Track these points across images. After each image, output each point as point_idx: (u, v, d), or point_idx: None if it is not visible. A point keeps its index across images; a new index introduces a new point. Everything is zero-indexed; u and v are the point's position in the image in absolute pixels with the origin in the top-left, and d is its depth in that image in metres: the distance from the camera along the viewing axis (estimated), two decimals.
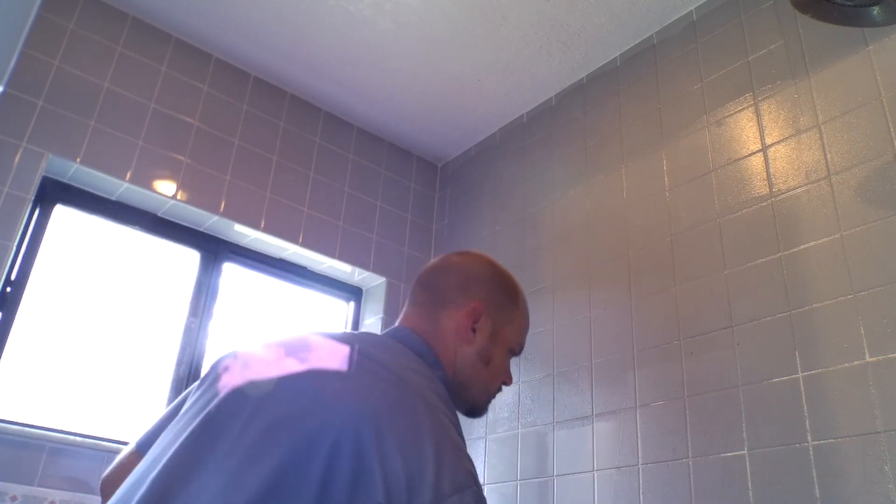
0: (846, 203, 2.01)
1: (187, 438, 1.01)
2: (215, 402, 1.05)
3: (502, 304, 1.29)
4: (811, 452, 1.87)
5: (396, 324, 1.28)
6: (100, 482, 1.21)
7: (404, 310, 1.30)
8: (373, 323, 3.29)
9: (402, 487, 0.92)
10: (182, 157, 2.85)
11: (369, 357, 1.09)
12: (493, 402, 2.71)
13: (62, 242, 2.67)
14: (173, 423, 1.10)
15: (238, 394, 1.04)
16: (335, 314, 3.42)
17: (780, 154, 2.23)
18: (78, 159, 2.59)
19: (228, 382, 1.07)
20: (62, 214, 2.69)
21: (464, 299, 1.25)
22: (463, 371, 1.23)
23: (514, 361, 2.71)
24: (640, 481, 2.21)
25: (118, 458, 1.20)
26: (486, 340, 1.25)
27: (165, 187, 2.78)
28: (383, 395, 1.02)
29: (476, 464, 2.69)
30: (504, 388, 1.38)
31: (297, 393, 1.02)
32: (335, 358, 1.07)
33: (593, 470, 2.36)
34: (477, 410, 1.31)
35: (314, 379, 1.04)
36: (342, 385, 1.03)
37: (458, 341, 1.23)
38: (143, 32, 2.90)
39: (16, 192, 2.45)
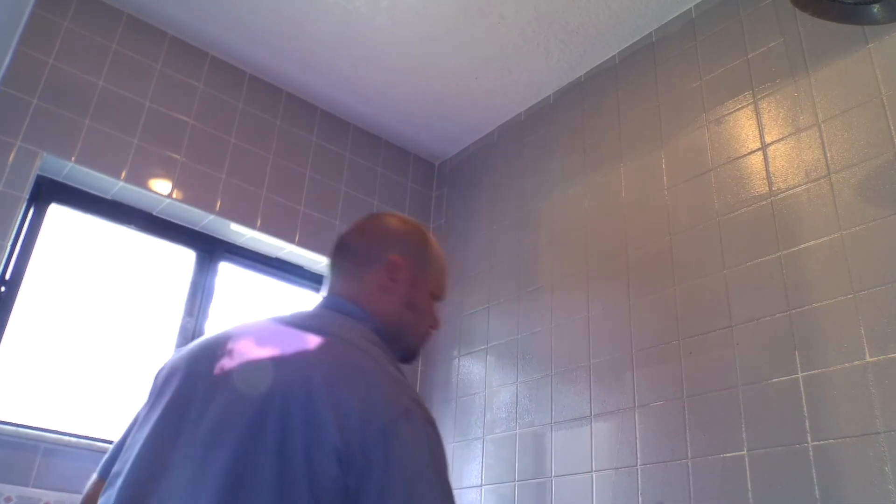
0: (846, 202, 2.00)
1: (146, 443, 1.09)
2: (165, 404, 1.13)
3: (418, 252, 1.38)
4: (811, 453, 1.86)
5: (324, 295, 1.36)
6: None
7: (329, 281, 1.38)
8: None
9: (354, 425, 0.99)
10: (177, 156, 2.84)
11: (303, 327, 1.18)
12: (491, 402, 2.73)
13: (57, 242, 2.66)
14: (130, 439, 1.16)
15: (185, 393, 1.12)
16: None
17: (779, 153, 2.22)
18: (73, 158, 2.58)
19: (174, 385, 1.15)
20: (57, 213, 2.69)
21: (382, 254, 1.34)
22: (392, 320, 1.31)
23: (511, 361, 2.79)
24: (639, 482, 2.21)
25: (84, 491, 1.25)
26: (408, 288, 1.34)
27: (161, 186, 2.77)
28: (320, 353, 1.11)
29: (473, 464, 2.76)
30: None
31: (242, 373, 1.10)
32: (272, 336, 1.16)
33: (591, 471, 2.35)
34: (411, 355, 1.39)
35: (255, 357, 1.12)
36: (280, 355, 1.11)
37: (383, 294, 1.32)
38: (138, 30, 2.89)
39: (10, 191, 2.44)
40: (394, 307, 1.33)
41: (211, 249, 3.00)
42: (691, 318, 2.26)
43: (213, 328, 2.80)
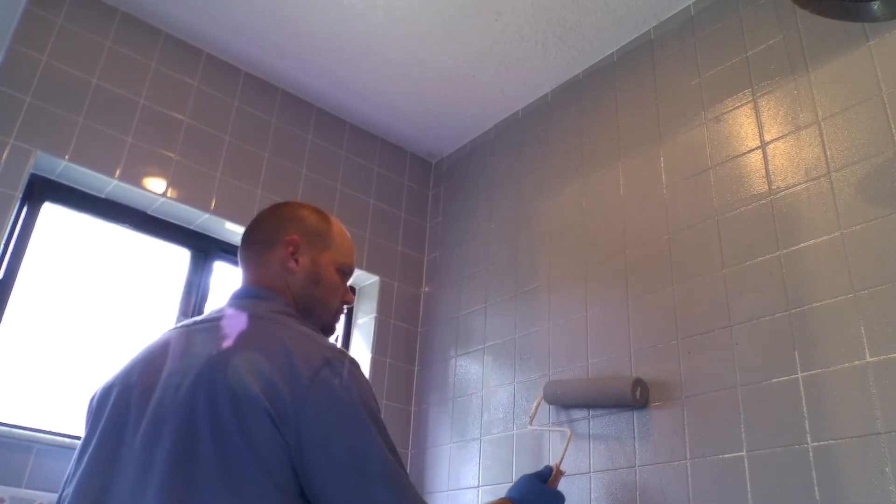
0: (846, 200, 1.99)
1: (89, 461, 1.15)
2: (102, 423, 1.19)
3: (316, 230, 1.45)
4: (811, 454, 1.85)
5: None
6: None
7: (242, 276, 1.45)
8: (365, 322, 3.27)
9: (279, 387, 1.06)
10: (172, 154, 2.83)
11: (216, 318, 1.27)
12: (489, 402, 2.73)
13: (50, 241, 2.65)
14: (74, 465, 1.22)
15: (120, 409, 1.19)
16: None
17: (779, 151, 2.21)
18: (66, 156, 2.56)
19: (108, 405, 1.22)
20: (50, 212, 2.66)
21: (280, 236, 1.42)
22: (299, 296, 1.39)
23: (509, 361, 2.80)
24: (637, 483, 2.20)
25: None
26: (309, 264, 1.41)
27: (155, 184, 2.76)
28: (233, 333, 1.18)
29: (470, 465, 2.75)
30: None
31: (169, 373, 1.17)
32: (188, 336, 1.26)
33: (589, 472, 2.34)
34: (327, 329, 1.45)
35: (178, 357, 1.20)
36: (199, 348, 1.19)
37: (286, 273, 1.39)
38: (132, 27, 2.87)
39: (3, 190, 2.42)
40: (299, 283, 1.39)
41: (206, 248, 2.98)
42: (690, 318, 2.25)
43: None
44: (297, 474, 1.06)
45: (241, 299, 1.36)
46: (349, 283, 1.56)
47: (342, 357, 1.17)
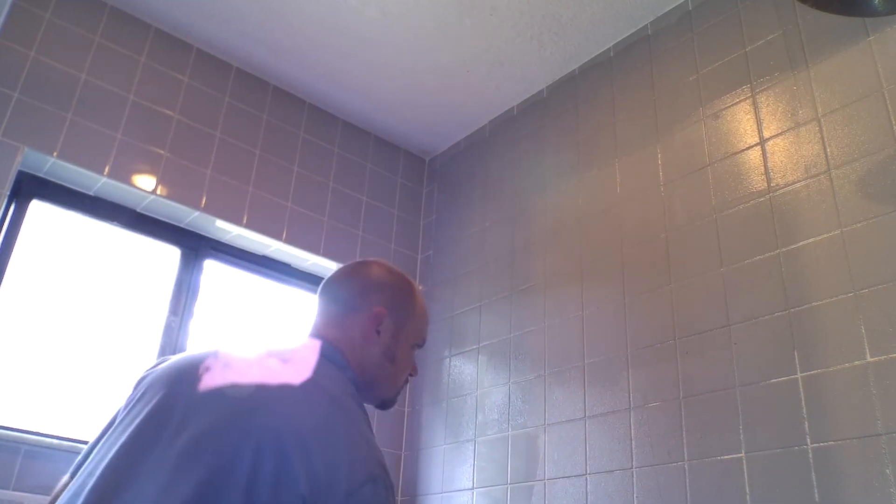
0: (846, 198, 1.99)
1: (120, 449, 1.11)
2: (144, 414, 1.15)
3: (402, 304, 1.42)
4: (810, 455, 1.85)
5: (308, 334, 1.39)
6: None
7: (314, 320, 1.41)
8: None
9: (322, 482, 1.04)
10: (162, 151, 2.82)
11: (289, 365, 1.22)
12: (483, 403, 2.74)
13: (38, 239, 2.64)
14: (104, 441, 1.18)
15: (165, 406, 1.15)
16: None
17: (778, 148, 2.20)
18: (55, 153, 2.56)
19: (155, 396, 1.18)
20: (38, 210, 2.66)
21: (366, 304, 1.38)
22: (371, 371, 1.36)
23: (504, 361, 2.81)
24: (635, 485, 2.19)
25: (54, 491, 1.27)
26: (389, 340, 1.38)
27: (145, 182, 2.75)
28: (301, 400, 1.15)
29: (465, 467, 2.74)
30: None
31: (225, 401, 1.13)
32: (258, 367, 1.19)
33: (586, 474, 2.34)
34: (387, 404, 1.45)
35: (239, 386, 1.15)
36: (264, 391, 1.14)
37: (365, 344, 1.36)
38: (121, 22, 2.85)
39: None
40: (374, 358, 1.36)
41: (196, 247, 2.97)
42: (688, 318, 2.24)
43: (198, 332, 2.84)
44: None
45: (316, 354, 1.31)
46: None
47: (386, 478, 1.15)
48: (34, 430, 2.38)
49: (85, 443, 2.32)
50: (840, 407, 1.82)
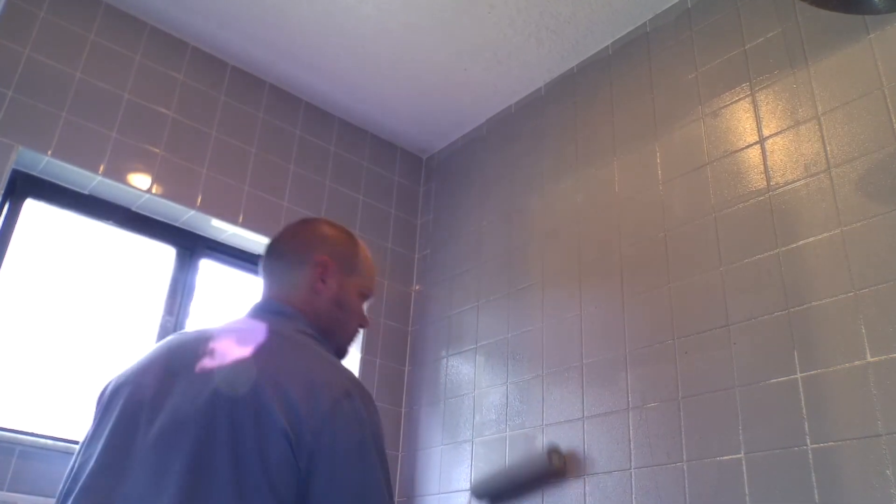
0: (847, 197, 1.98)
1: (99, 456, 1.15)
2: (115, 415, 1.19)
3: (346, 254, 1.48)
4: (810, 456, 1.84)
5: (258, 301, 1.44)
6: None
7: (262, 285, 1.46)
8: None
9: (299, 411, 1.10)
10: (157, 150, 2.81)
11: (240, 330, 1.29)
12: (481, 403, 2.73)
13: (33, 238, 2.63)
14: (80, 457, 1.22)
15: (136, 400, 1.19)
16: None
17: (777, 146, 2.20)
18: (49, 152, 2.55)
19: (123, 396, 1.22)
20: (33, 209, 2.65)
21: (311, 256, 1.43)
22: (322, 318, 1.40)
23: (501, 361, 2.78)
24: (633, 486, 2.19)
25: None
26: (336, 288, 1.43)
27: (140, 181, 2.74)
28: (258, 350, 1.19)
29: (462, 468, 2.73)
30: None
31: (188, 380, 1.18)
32: (212, 343, 1.24)
33: (584, 474, 2.33)
34: (342, 352, 1.48)
35: (198, 365, 1.20)
36: (222, 358, 1.19)
37: (314, 294, 1.40)
38: (116, 20, 2.84)
39: None
40: (324, 306, 1.41)
41: (191, 246, 2.97)
42: (687, 317, 2.24)
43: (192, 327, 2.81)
44: (302, 499, 1.10)
45: (264, 313, 1.37)
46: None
47: (361, 390, 1.21)
48: (29, 431, 2.37)
49: (75, 442, 2.37)
50: (840, 407, 1.82)
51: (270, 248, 1.49)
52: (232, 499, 1.05)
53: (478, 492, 2.53)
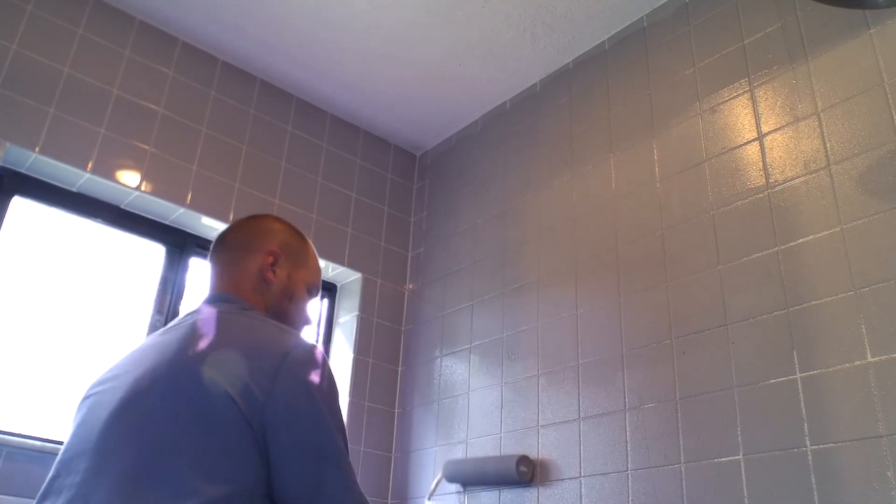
0: (847, 194, 1.97)
1: (66, 446, 1.23)
2: (82, 413, 1.27)
3: (295, 248, 1.52)
4: (810, 457, 1.83)
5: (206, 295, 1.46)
6: None
7: (209, 279, 1.48)
8: (347, 321, 3.25)
9: (245, 375, 1.14)
10: (146, 146, 2.79)
11: (183, 321, 1.33)
12: (475, 404, 2.79)
13: (19, 236, 2.61)
14: (60, 470, 1.23)
15: (94, 406, 1.25)
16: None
17: (777, 143, 2.19)
18: (36, 148, 2.53)
19: (85, 408, 1.28)
20: (20, 206, 2.63)
21: (262, 246, 1.47)
22: (271, 308, 1.44)
23: (496, 361, 2.78)
24: (630, 488, 2.18)
25: None
26: (286, 279, 1.46)
27: (129, 178, 2.72)
28: (202, 330, 1.24)
29: None
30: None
31: (138, 374, 1.22)
32: (159, 342, 1.30)
33: (580, 476, 2.33)
34: None
35: (145, 360, 1.25)
36: (166, 348, 1.24)
37: (264, 283, 1.43)
38: (105, 15, 2.82)
39: None
40: (274, 297, 1.44)
41: (181, 244, 2.95)
42: (684, 317, 2.23)
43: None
44: (262, 459, 1.14)
45: (213, 303, 1.39)
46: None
47: (307, 346, 1.24)
48: (14, 432, 2.35)
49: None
50: (840, 408, 1.81)
51: (218, 241, 1.52)
52: (187, 470, 1.08)
53: (450, 475, 2.61)
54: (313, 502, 1.15)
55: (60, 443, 2.36)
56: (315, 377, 1.20)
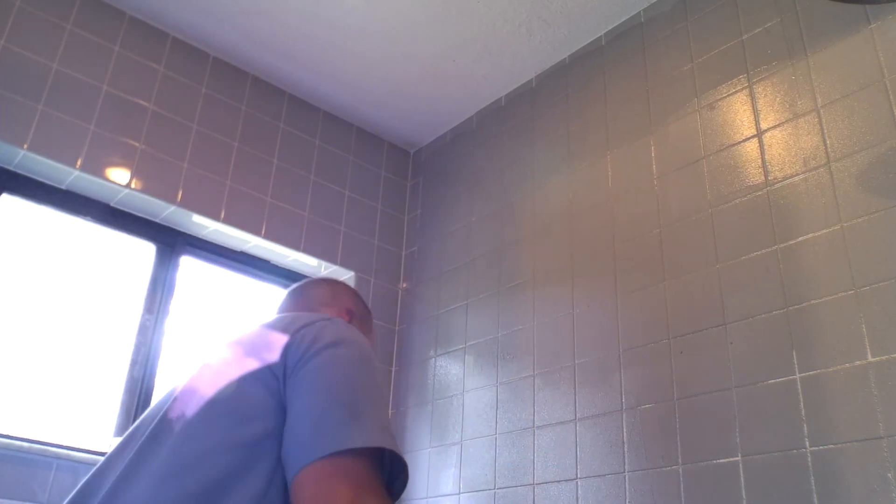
0: (847, 192, 1.97)
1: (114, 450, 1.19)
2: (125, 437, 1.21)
3: (364, 314, 1.59)
4: (809, 459, 1.82)
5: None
6: None
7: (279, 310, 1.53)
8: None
9: (276, 342, 1.13)
10: (136, 143, 2.78)
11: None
12: (470, 405, 2.84)
13: (8, 234, 2.61)
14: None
15: (145, 418, 1.21)
16: None
17: (776, 140, 2.18)
18: (25, 145, 2.52)
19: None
20: (8, 204, 2.62)
21: (338, 302, 1.54)
22: None
23: (491, 361, 2.77)
24: (627, 490, 2.17)
25: None
26: None
27: (119, 175, 2.71)
28: (254, 332, 1.22)
29: (450, 471, 2.70)
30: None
31: (185, 391, 1.17)
32: (217, 355, 1.24)
33: (576, 478, 2.32)
34: None
35: (203, 372, 1.20)
36: (225, 357, 1.21)
37: None
38: (94, 9, 2.81)
39: None
40: None
41: (172, 242, 2.94)
42: (682, 316, 2.22)
43: (174, 331, 2.82)
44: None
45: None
46: None
47: (343, 321, 1.24)
48: (2, 433, 2.32)
49: (55, 445, 2.38)
50: (840, 409, 1.80)
51: (297, 288, 1.58)
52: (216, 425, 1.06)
53: None
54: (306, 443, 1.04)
55: (48, 444, 2.38)
56: (350, 343, 1.16)
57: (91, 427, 2.54)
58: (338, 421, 1.02)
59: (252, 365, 1.11)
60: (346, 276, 3.30)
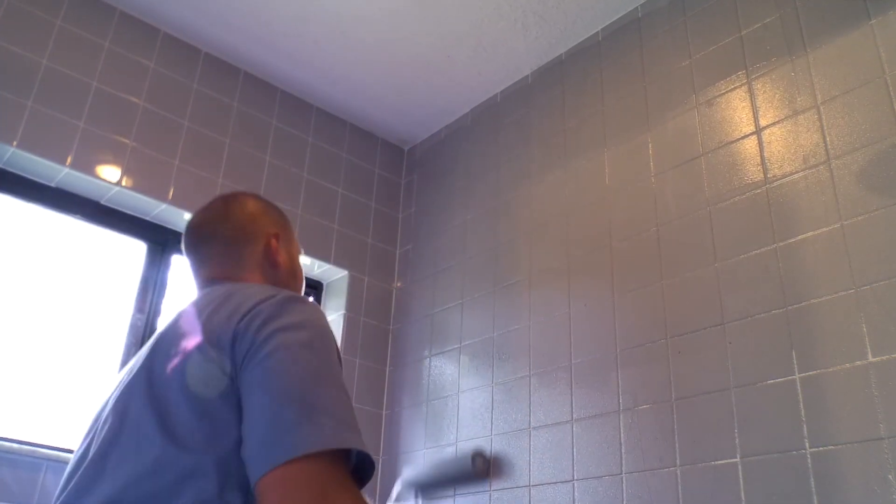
0: (847, 190, 1.97)
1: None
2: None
3: (284, 223, 1.49)
4: (809, 460, 1.82)
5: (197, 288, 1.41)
6: None
7: (199, 272, 1.40)
8: (333, 320, 3.24)
9: (225, 320, 1.10)
10: (127, 141, 2.77)
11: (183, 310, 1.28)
12: (465, 405, 2.86)
13: None
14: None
15: (101, 410, 1.27)
16: None
17: (775, 137, 2.18)
18: (14, 143, 2.51)
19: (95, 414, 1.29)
20: None
21: (260, 232, 1.41)
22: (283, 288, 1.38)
23: (487, 361, 2.76)
24: (624, 491, 2.17)
25: None
26: (287, 259, 1.44)
27: (109, 173, 2.70)
28: (191, 309, 1.20)
29: None
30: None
31: (135, 378, 1.16)
32: (162, 335, 1.22)
33: (573, 479, 2.31)
34: None
35: (143, 360, 1.19)
36: (163, 334, 1.20)
37: (269, 269, 1.39)
38: (84, 5, 2.81)
39: None
40: (282, 280, 1.40)
41: (163, 241, 2.93)
42: (680, 315, 2.22)
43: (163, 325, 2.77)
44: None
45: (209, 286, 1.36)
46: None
47: (295, 293, 1.20)
48: None
49: (44, 446, 2.36)
50: (840, 409, 1.80)
51: (202, 234, 1.42)
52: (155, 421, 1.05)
53: (407, 481, 2.59)
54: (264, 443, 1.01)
55: (35, 445, 2.38)
56: (305, 319, 1.11)
57: (81, 428, 2.52)
58: (292, 422, 0.99)
59: (200, 363, 1.07)
60: (339, 274, 3.30)
